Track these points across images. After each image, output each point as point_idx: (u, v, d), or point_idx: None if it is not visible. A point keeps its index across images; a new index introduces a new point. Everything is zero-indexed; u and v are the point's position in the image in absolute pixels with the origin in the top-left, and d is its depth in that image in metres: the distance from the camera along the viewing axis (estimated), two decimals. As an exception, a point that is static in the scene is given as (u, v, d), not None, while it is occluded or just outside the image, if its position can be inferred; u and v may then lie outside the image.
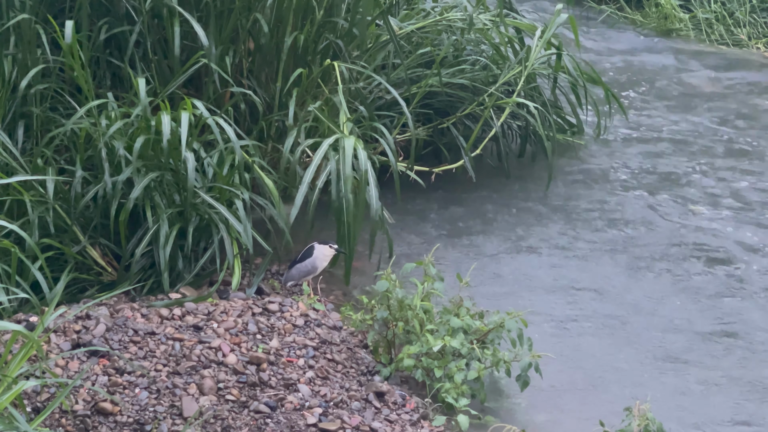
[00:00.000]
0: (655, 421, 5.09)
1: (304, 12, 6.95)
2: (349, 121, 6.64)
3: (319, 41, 7.05)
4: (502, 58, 8.00)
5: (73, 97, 6.45)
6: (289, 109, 6.75)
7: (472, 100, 7.82)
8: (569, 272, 6.91)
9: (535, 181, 7.97)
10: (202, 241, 6.19)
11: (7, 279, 5.60)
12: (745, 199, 7.93)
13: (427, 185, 7.44)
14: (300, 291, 6.25)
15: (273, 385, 5.34)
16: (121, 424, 4.99)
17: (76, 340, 5.36)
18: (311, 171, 6.37)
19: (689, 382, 5.95)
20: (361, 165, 6.36)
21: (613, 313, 6.52)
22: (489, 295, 6.52)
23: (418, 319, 5.69)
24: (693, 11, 11.53)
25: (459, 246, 7.12)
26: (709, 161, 8.50)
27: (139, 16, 6.64)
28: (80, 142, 6.09)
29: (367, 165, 6.36)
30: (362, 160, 6.36)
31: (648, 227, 7.46)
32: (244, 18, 6.79)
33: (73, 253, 6.00)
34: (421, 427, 5.32)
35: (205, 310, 5.80)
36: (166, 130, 5.90)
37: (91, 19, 6.67)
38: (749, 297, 6.73)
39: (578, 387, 5.84)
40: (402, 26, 7.82)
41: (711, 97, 9.86)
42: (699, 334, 6.37)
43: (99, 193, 6.03)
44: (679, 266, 7.03)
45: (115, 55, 6.81)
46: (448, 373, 5.54)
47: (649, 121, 9.19)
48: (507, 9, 8.57)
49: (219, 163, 6.25)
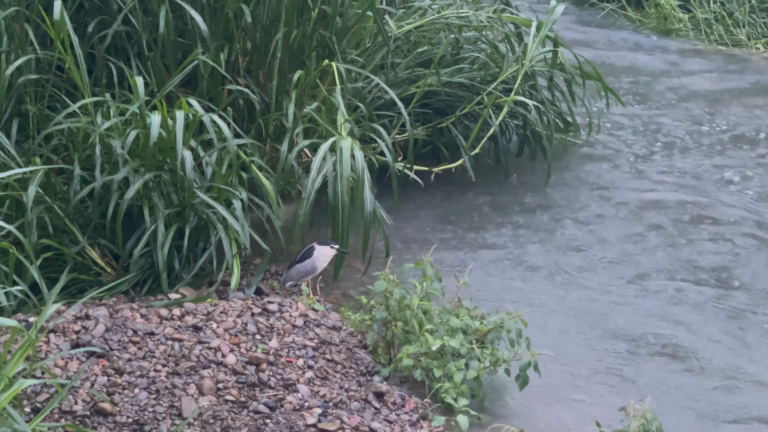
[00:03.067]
0: (654, 421, 5.08)
1: (300, 9, 6.95)
2: (347, 122, 6.64)
3: (314, 37, 7.04)
4: (501, 56, 8.00)
5: (70, 96, 6.45)
6: (285, 108, 6.75)
7: (471, 99, 7.82)
8: (569, 271, 6.90)
9: (533, 180, 7.97)
10: (200, 242, 6.19)
11: (6, 279, 5.60)
12: (744, 198, 7.94)
13: (426, 184, 7.43)
14: (299, 291, 6.25)
15: (272, 385, 5.34)
16: (121, 424, 4.98)
17: (76, 341, 5.36)
18: (314, 172, 6.37)
19: (687, 379, 5.95)
20: (358, 166, 6.36)
21: (613, 312, 6.51)
22: (488, 295, 6.52)
23: (417, 319, 5.69)
24: (692, 11, 11.53)
25: (458, 246, 7.11)
26: (708, 161, 8.50)
27: (132, 14, 6.64)
28: (78, 140, 6.08)
29: (364, 166, 6.37)
30: (359, 161, 6.37)
31: (647, 226, 7.46)
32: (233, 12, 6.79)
33: (72, 254, 6.00)
34: (420, 427, 5.31)
35: (204, 310, 5.79)
36: (154, 132, 5.91)
37: (85, 18, 6.67)
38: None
39: (578, 387, 5.84)
40: (399, 25, 7.82)
41: (710, 97, 9.86)
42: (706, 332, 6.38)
43: (96, 193, 6.03)
44: (680, 266, 7.03)
45: (112, 54, 6.81)
46: (447, 373, 5.54)
47: (648, 120, 9.19)
48: (503, 4, 8.57)
49: (217, 162, 6.25)
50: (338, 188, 6.33)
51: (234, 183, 6.21)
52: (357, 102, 7.09)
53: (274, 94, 6.94)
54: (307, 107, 6.76)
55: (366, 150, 7.02)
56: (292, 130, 6.64)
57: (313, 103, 6.87)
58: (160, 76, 6.72)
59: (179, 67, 6.55)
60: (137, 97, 5.99)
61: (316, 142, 6.66)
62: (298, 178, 6.89)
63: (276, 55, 6.91)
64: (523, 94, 7.84)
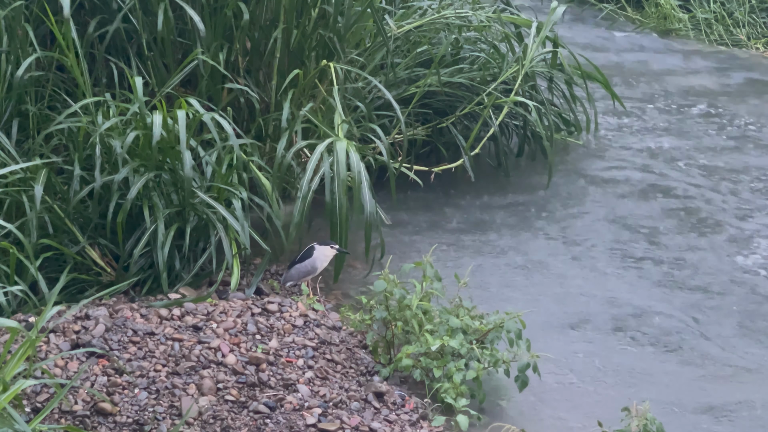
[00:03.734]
0: (654, 421, 5.08)
1: (300, 9, 6.95)
2: (344, 123, 6.64)
3: (313, 37, 7.04)
4: (501, 56, 8.00)
5: (70, 96, 6.44)
6: (284, 108, 6.75)
7: (471, 99, 7.82)
8: (568, 271, 6.90)
9: (533, 180, 7.97)
10: (200, 242, 6.19)
11: (6, 279, 5.60)
12: (742, 196, 7.93)
13: (426, 185, 7.43)
14: (299, 291, 6.25)
15: (272, 385, 5.34)
16: (121, 424, 4.98)
17: (76, 341, 5.36)
18: (309, 172, 6.38)
19: (687, 378, 5.95)
20: (354, 167, 6.37)
21: (613, 311, 6.51)
22: (488, 295, 6.51)
23: (416, 320, 5.69)
24: (692, 11, 11.53)
25: (458, 246, 7.11)
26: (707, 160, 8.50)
27: (132, 13, 6.64)
28: (79, 140, 6.08)
29: (360, 167, 6.37)
30: (354, 163, 6.37)
31: (647, 226, 7.46)
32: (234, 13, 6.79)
33: (72, 254, 6.00)
34: (420, 427, 5.31)
35: (204, 310, 5.79)
36: (157, 132, 5.91)
37: (85, 17, 6.67)
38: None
39: (578, 387, 5.84)
40: (399, 25, 7.82)
41: (710, 96, 9.86)
42: (697, 330, 6.37)
43: (96, 193, 6.03)
44: (681, 266, 7.03)
45: (112, 53, 6.81)
46: (447, 373, 5.54)
47: (647, 120, 9.19)
48: (503, 3, 8.57)
49: (217, 162, 6.25)
50: (335, 189, 6.33)
51: (234, 183, 6.21)
52: (356, 102, 7.09)
53: (274, 94, 6.94)
54: (303, 108, 6.76)
55: (365, 150, 7.03)
56: (290, 129, 6.64)
57: (312, 104, 6.87)
58: (160, 76, 6.72)
59: (179, 66, 6.54)
60: (137, 97, 5.99)
61: (313, 143, 6.66)
62: (297, 178, 6.89)
63: (275, 54, 6.91)
64: (523, 94, 7.84)
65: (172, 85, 6.49)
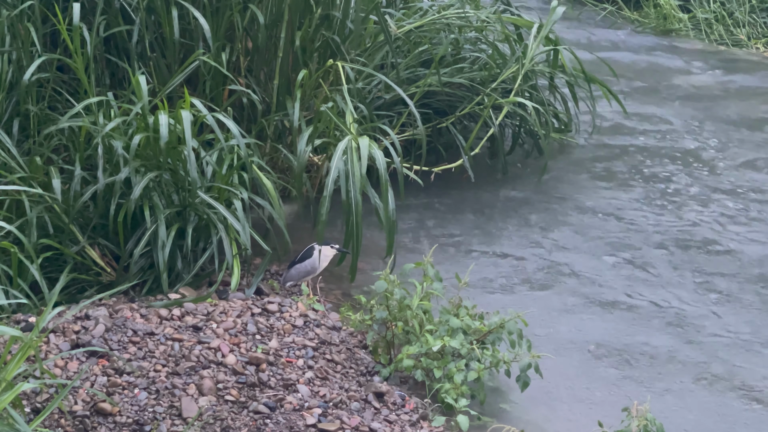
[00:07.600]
0: (654, 421, 5.08)
1: (302, 10, 6.95)
2: (355, 122, 6.65)
3: (316, 38, 7.05)
4: (501, 56, 8.00)
5: (72, 96, 6.44)
6: (287, 108, 6.75)
7: (471, 99, 7.82)
8: (568, 270, 6.91)
9: (533, 180, 7.98)
10: (201, 242, 6.19)
11: (6, 280, 5.60)
12: (739, 195, 7.94)
13: (426, 184, 7.44)
14: (299, 291, 6.25)
15: (272, 385, 5.34)
16: (120, 424, 4.98)
17: (76, 341, 5.36)
18: (334, 170, 6.35)
19: (688, 380, 5.95)
20: (379, 164, 6.37)
21: (613, 311, 6.51)
22: (489, 295, 6.52)
23: (417, 320, 5.69)
24: (692, 11, 11.53)
25: (458, 245, 7.11)
26: (707, 160, 8.51)
27: (136, 13, 6.64)
28: (80, 140, 6.08)
29: (383, 164, 6.38)
30: (380, 159, 6.38)
31: (647, 225, 7.47)
32: (238, 13, 6.79)
33: (72, 254, 6.00)
34: (420, 427, 5.31)
35: (204, 310, 5.79)
36: (164, 131, 5.90)
37: (88, 18, 6.67)
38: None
39: (579, 386, 5.84)
40: (400, 25, 7.82)
41: (710, 97, 9.86)
42: (695, 323, 6.38)
43: (99, 193, 6.03)
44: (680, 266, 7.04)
45: (114, 54, 6.81)
46: (447, 374, 5.54)
47: (647, 120, 9.19)
48: (504, 4, 8.58)
49: (218, 162, 6.25)
50: (350, 188, 6.32)
51: (235, 183, 6.21)
52: (357, 102, 7.09)
53: (275, 94, 6.94)
54: (322, 106, 6.74)
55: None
56: (313, 126, 6.62)
57: (316, 104, 6.87)
58: (162, 76, 6.72)
59: (181, 66, 6.54)
60: (140, 97, 5.99)
61: (327, 142, 6.66)
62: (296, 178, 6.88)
63: (278, 55, 6.91)
64: (522, 94, 7.84)
65: (174, 84, 6.49)
